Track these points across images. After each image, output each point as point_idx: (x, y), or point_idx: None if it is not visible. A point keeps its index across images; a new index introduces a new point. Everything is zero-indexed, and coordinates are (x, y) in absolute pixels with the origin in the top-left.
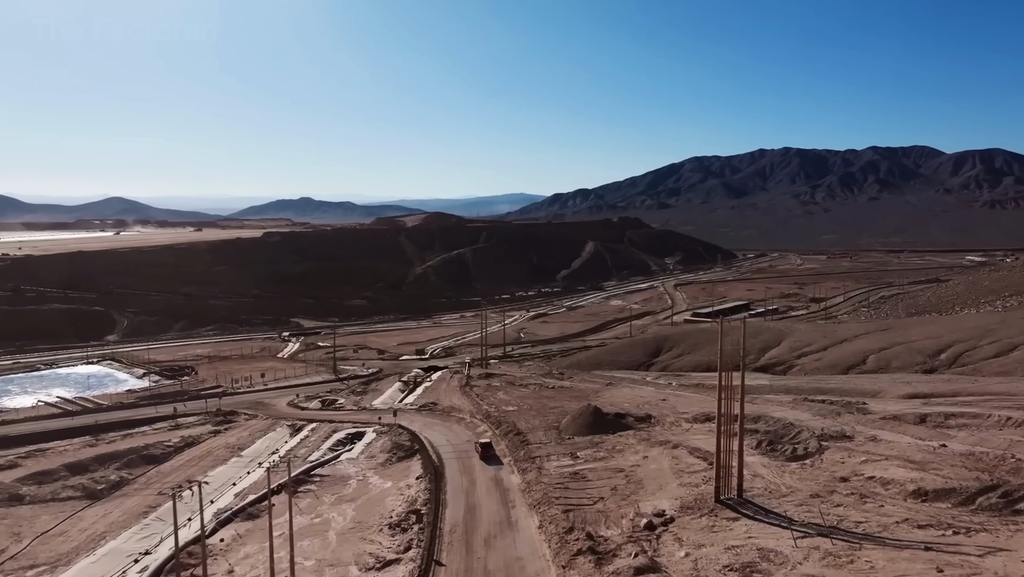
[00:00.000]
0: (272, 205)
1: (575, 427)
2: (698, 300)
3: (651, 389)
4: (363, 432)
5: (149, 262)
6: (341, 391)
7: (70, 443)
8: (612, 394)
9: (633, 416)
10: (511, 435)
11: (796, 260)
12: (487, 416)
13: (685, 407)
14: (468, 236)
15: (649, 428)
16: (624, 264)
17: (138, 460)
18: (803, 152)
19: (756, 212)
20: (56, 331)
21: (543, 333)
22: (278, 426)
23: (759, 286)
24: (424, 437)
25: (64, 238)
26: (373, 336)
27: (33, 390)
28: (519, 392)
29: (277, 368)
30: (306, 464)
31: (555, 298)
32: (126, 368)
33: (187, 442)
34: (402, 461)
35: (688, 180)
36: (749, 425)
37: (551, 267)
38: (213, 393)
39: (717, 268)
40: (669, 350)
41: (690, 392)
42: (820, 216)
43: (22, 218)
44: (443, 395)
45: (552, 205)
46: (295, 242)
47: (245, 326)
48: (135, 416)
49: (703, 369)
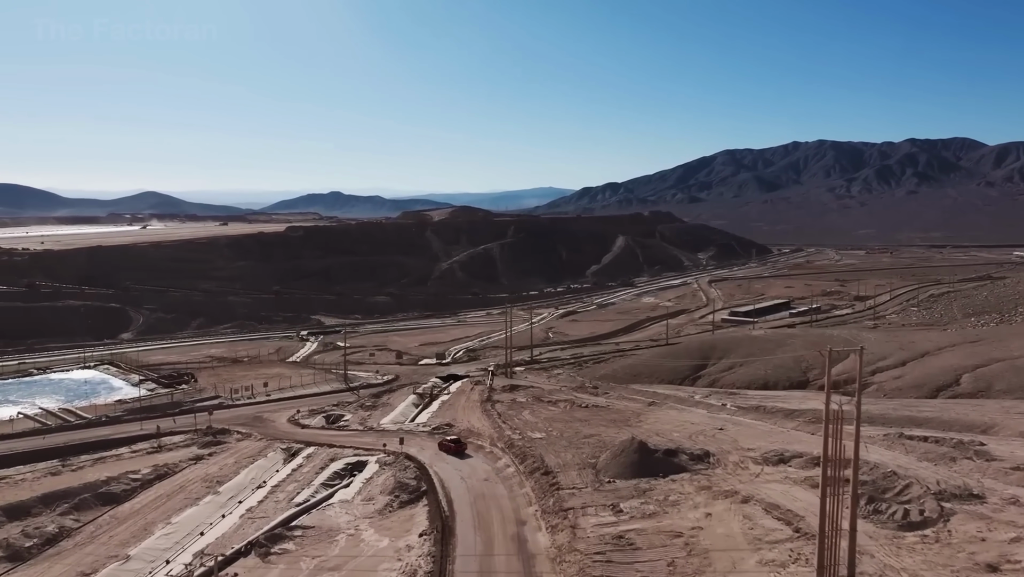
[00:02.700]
0: (303, 199)
1: (617, 467)
2: (734, 297)
3: (702, 412)
4: (365, 462)
5: (168, 257)
6: (349, 404)
7: (32, 469)
8: (656, 418)
9: (687, 453)
10: (538, 474)
11: (833, 255)
12: (510, 445)
13: (749, 440)
14: (495, 231)
15: (708, 470)
16: (656, 259)
17: (92, 500)
18: (838, 145)
19: (790, 206)
20: (69, 329)
21: (573, 333)
22: (271, 450)
23: (798, 283)
24: (434, 472)
25: (89, 232)
26: (395, 335)
27: (17, 399)
28: (548, 412)
29: (284, 375)
30: (290, 508)
31: (584, 295)
32: (123, 374)
33: (158, 473)
34: (405, 507)
35: (720, 173)
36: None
37: (580, 263)
38: (207, 406)
39: (752, 264)
40: (718, 361)
41: (750, 418)
42: (856, 210)
43: (59, 212)
44: (461, 413)
45: (581, 199)
46: (318, 237)
47: (264, 324)
48: (115, 434)
49: (759, 386)
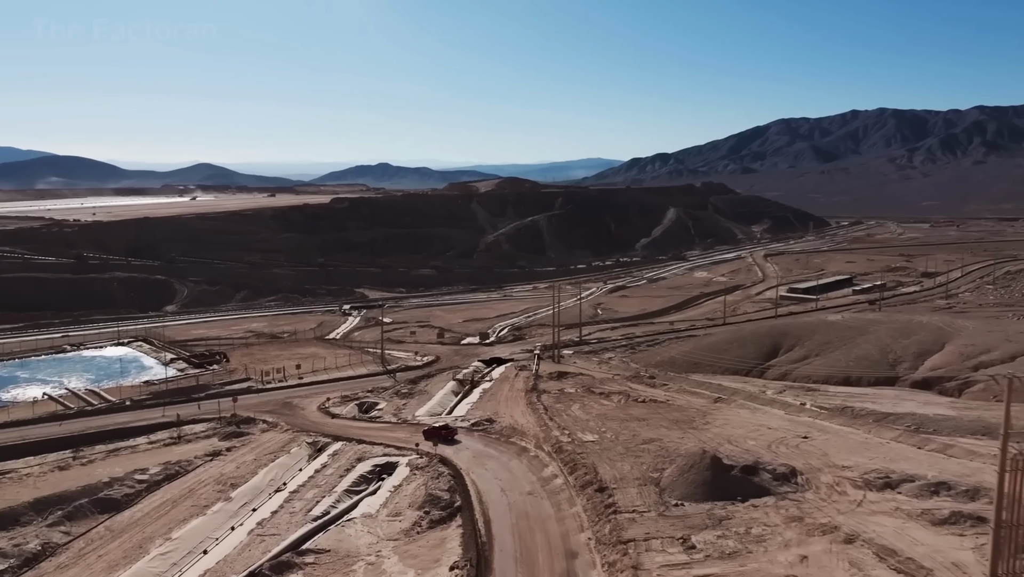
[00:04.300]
0: (352, 170)
1: (685, 485)
2: (792, 272)
3: (779, 413)
4: (395, 463)
5: (214, 229)
6: (385, 390)
7: (41, 462)
8: (726, 419)
9: (768, 470)
10: (591, 490)
11: (895, 229)
12: (558, 449)
13: (842, 454)
14: (542, 202)
15: (797, 494)
16: (708, 232)
17: (88, 507)
18: (900, 113)
19: (848, 177)
20: (115, 301)
21: (622, 310)
22: (295, 444)
23: (859, 258)
24: (471, 480)
25: (139, 204)
26: (439, 310)
27: (47, 377)
28: (600, 406)
29: (319, 355)
30: (306, 522)
31: (634, 268)
32: (155, 352)
33: (168, 473)
34: (436, 528)
35: (774, 143)
36: (963, 503)
37: (629, 235)
38: (235, 391)
39: (809, 237)
40: (789, 349)
41: (838, 423)
42: (919, 181)
43: (118, 183)
44: (503, 404)
45: (630, 170)
46: (363, 208)
47: (308, 296)
48: (135, 422)
49: (840, 381)
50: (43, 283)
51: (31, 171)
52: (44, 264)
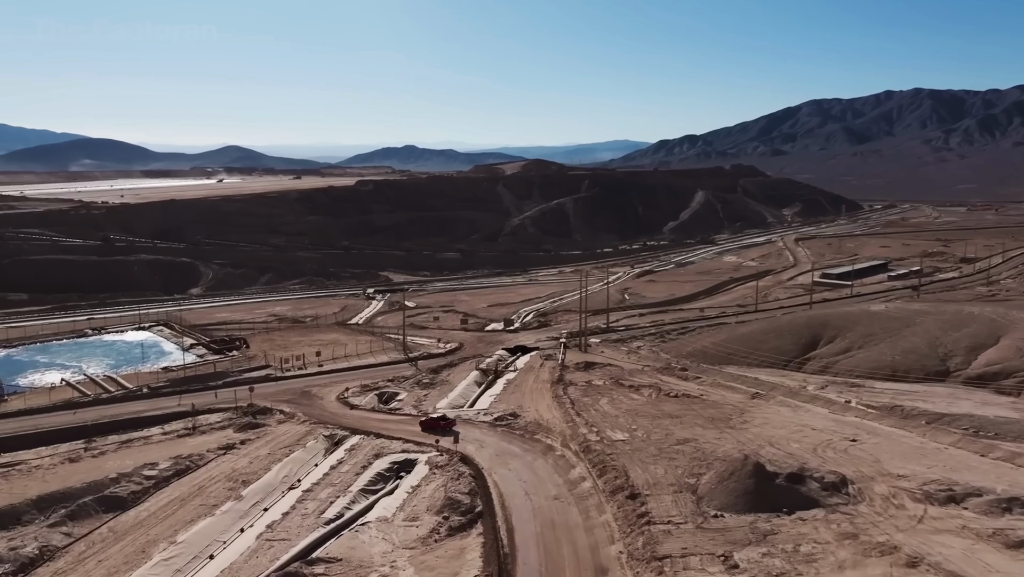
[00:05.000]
0: (378, 153)
1: (725, 494)
2: (825, 257)
3: (823, 412)
4: (414, 461)
5: (239, 211)
6: (406, 380)
7: (52, 453)
8: (765, 418)
9: (816, 478)
10: (621, 496)
11: (931, 212)
12: (586, 448)
13: (896, 460)
14: (569, 185)
15: (849, 507)
16: (737, 215)
17: (93, 506)
18: (936, 93)
19: (881, 159)
20: (141, 283)
21: (650, 295)
22: (312, 438)
23: (894, 242)
24: (493, 482)
25: (166, 186)
26: (463, 294)
27: (67, 362)
28: (630, 401)
29: (339, 342)
30: (318, 526)
31: (661, 252)
32: (175, 336)
33: (178, 468)
34: (455, 536)
35: (805, 125)
36: None
37: (657, 219)
38: (254, 378)
39: (841, 220)
40: (830, 341)
41: (888, 424)
42: (955, 164)
43: (149, 166)
44: (528, 397)
45: (657, 152)
46: (388, 191)
47: (332, 280)
48: (150, 411)
49: (885, 375)
50: (70, 265)
51: (65, 154)
52: (71, 246)
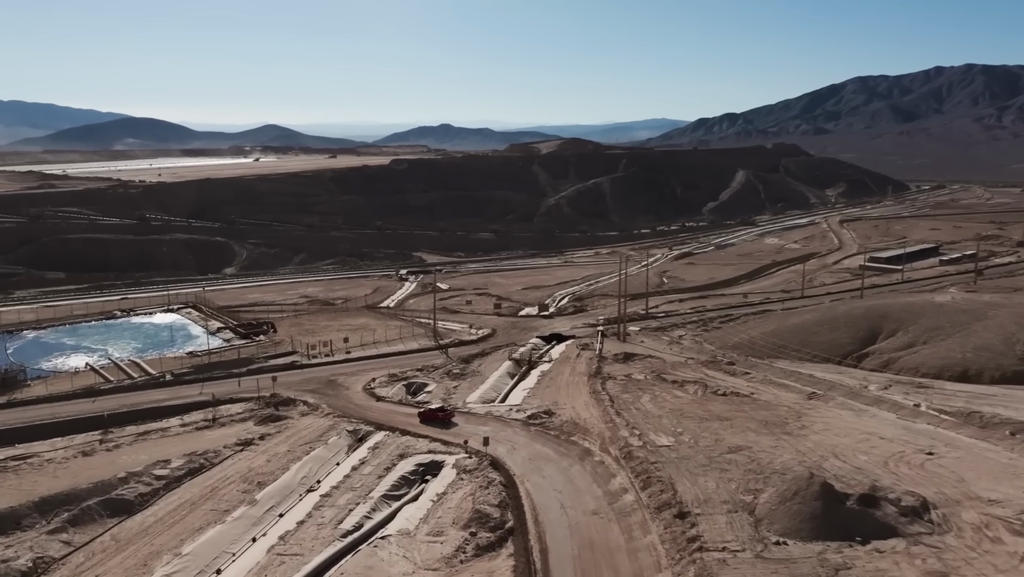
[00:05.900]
0: (414, 132)
1: (787, 517)
2: (871, 240)
3: (890, 417)
4: (440, 463)
5: (273, 191)
6: (436, 369)
7: (67, 444)
8: (826, 424)
9: (892, 501)
10: (668, 514)
11: (982, 193)
12: (628, 455)
13: (983, 480)
14: (605, 164)
15: (935, 537)
16: (779, 196)
17: (97, 509)
18: (989, 69)
19: (929, 138)
20: (175, 263)
21: (689, 279)
22: (334, 434)
23: (945, 225)
24: (525, 491)
25: (203, 164)
26: (497, 276)
27: (93, 344)
28: (674, 399)
29: (368, 327)
30: (333, 539)
31: (701, 234)
32: (203, 319)
33: (191, 467)
34: (482, 556)
35: (850, 102)
36: None
37: (696, 199)
38: (279, 365)
39: (887, 201)
40: (891, 335)
41: (967, 434)
42: (1008, 142)
43: (189, 145)
44: (564, 392)
45: (696, 131)
46: (422, 170)
47: (366, 260)
48: (171, 400)
49: (956, 375)
50: (107, 244)
51: (109, 133)
52: (108, 225)
